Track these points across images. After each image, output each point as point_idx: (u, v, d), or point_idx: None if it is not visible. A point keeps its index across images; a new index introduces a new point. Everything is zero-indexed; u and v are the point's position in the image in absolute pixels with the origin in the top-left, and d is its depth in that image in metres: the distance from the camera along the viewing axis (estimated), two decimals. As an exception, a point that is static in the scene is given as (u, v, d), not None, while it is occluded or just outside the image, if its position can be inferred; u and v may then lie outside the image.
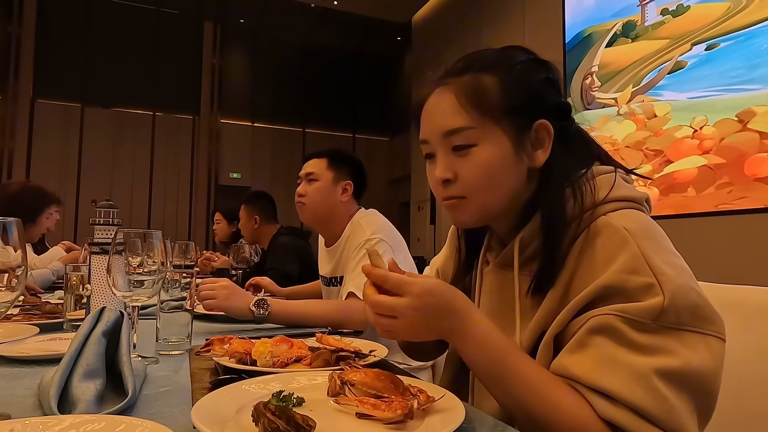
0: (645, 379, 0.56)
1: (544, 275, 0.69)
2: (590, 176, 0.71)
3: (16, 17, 7.79)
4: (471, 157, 0.71)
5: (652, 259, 0.60)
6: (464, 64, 0.75)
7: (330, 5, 8.51)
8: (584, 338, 0.61)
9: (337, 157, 1.76)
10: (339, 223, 1.70)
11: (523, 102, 0.71)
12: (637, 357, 0.57)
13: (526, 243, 0.73)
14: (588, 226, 0.68)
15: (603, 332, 0.59)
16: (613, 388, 0.56)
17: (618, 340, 0.58)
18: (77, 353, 0.66)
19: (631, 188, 0.72)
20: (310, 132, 9.72)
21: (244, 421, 0.55)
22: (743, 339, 0.76)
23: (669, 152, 4.02)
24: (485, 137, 0.71)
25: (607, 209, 0.68)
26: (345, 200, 1.71)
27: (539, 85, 0.74)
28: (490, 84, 0.71)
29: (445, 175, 0.73)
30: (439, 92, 0.74)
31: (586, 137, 0.78)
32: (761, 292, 0.80)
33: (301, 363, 0.82)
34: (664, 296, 0.57)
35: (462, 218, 0.76)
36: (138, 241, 0.86)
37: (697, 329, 0.59)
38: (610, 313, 0.59)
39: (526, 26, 5.73)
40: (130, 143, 8.49)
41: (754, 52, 3.49)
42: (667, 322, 0.57)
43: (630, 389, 0.56)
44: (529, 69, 0.74)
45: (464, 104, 0.71)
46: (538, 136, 0.72)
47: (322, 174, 1.72)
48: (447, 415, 0.57)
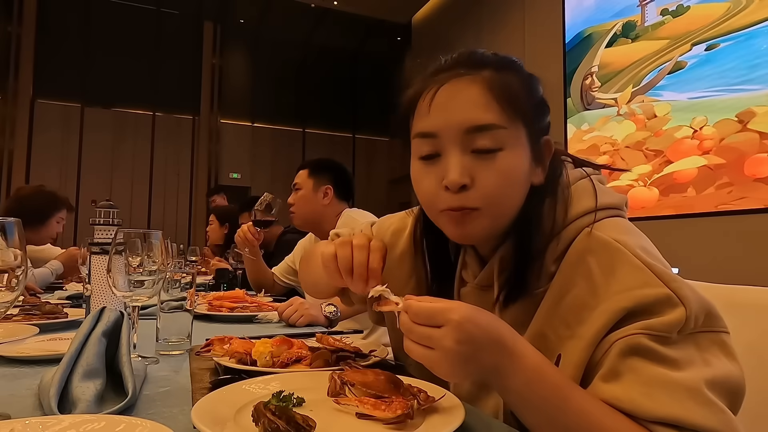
0: (700, 396, 0.52)
1: (514, 285, 0.66)
2: (566, 183, 0.68)
3: (16, 17, 7.78)
4: (495, 163, 0.62)
5: (655, 267, 0.58)
6: (483, 58, 0.67)
7: (330, 5, 8.50)
8: (617, 364, 0.56)
9: (317, 166, 2.06)
10: (328, 222, 1.93)
11: (538, 112, 0.67)
12: (680, 373, 0.53)
13: (507, 261, 0.68)
14: (572, 240, 0.65)
15: (635, 354, 0.55)
16: (673, 414, 0.52)
17: (654, 360, 0.54)
18: (77, 353, 0.66)
19: (610, 193, 0.69)
20: (310, 132, 9.71)
21: (244, 421, 0.55)
22: (743, 339, 0.76)
23: (669, 152, 4.02)
24: (513, 141, 0.63)
25: (589, 221, 0.65)
26: (327, 203, 1.98)
27: (543, 100, 0.71)
28: (515, 83, 0.65)
29: (463, 180, 0.62)
30: (459, 83, 0.64)
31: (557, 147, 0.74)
32: (761, 292, 0.80)
33: (301, 363, 0.82)
34: (684, 306, 0.55)
35: (472, 233, 0.66)
36: (138, 241, 0.86)
37: (710, 329, 0.58)
38: (637, 333, 0.55)
39: (526, 26, 5.73)
40: (130, 143, 8.48)
41: (754, 52, 3.49)
42: (688, 330, 0.56)
43: (691, 411, 0.52)
44: (534, 81, 0.70)
45: (498, 98, 0.62)
46: (543, 153, 0.68)
47: (304, 183, 2.01)
48: (447, 415, 0.57)
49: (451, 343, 0.52)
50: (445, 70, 0.67)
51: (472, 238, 0.68)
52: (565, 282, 0.64)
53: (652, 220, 3.98)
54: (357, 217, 1.89)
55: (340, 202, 2.02)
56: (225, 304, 1.55)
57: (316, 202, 1.98)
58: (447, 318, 0.53)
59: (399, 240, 0.88)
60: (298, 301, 1.41)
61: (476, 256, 0.75)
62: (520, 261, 0.66)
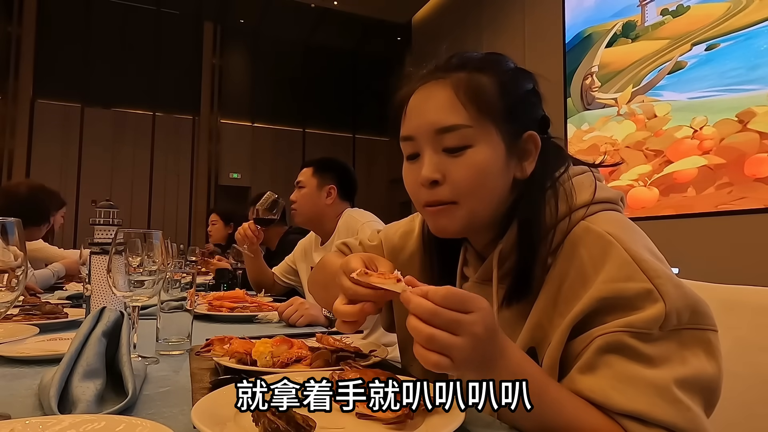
0: (667, 393, 0.55)
1: (519, 283, 0.67)
2: (566, 177, 0.70)
3: (16, 17, 7.78)
4: (464, 159, 0.67)
5: (643, 263, 0.59)
6: (459, 61, 0.71)
7: (330, 5, 8.50)
8: (594, 359, 0.58)
9: (322, 165, 2.04)
10: (329, 222, 1.96)
11: (517, 109, 0.69)
12: (652, 371, 0.56)
13: (505, 256, 0.70)
14: (568, 232, 0.66)
15: (613, 351, 0.57)
16: (640, 408, 0.55)
17: (630, 356, 0.57)
18: (77, 353, 0.66)
19: (606, 188, 0.71)
20: (310, 132, 9.71)
21: (244, 421, 0.55)
22: (742, 339, 0.76)
23: (669, 152, 4.02)
24: (481, 138, 0.67)
25: (585, 213, 0.66)
26: (330, 203, 1.97)
27: (529, 95, 0.72)
28: (488, 84, 0.68)
29: (434, 176, 0.67)
30: (432, 86, 0.70)
31: (558, 143, 0.76)
32: (761, 292, 0.80)
33: (301, 363, 0.82)
34: (664, 301, 0.56)
35: (448, 226, 0.70)
36: (138, 241, 0.86)
37: (695, 326, 0.59)
38: (617, 330, 0.57)
39: (526, 26, 5.73)
40: (130, 143, 8.48)
41: (754, 53, 3.48)
42: (670, 326, 0.57)
43: (657, 407, 0.54)
44: (518, 76, 0.73)
45: (463, 101, 0.67)
46: (527, 148, 0.70)
47: (308, 181, 2.01)
48: (447, 415, 0.57)
49: (481, 329, 0.52)
50: (424, 75, 0.72)
51: (450, 231, 0.71)
52: (560, 274, 0.65)
53: (652, 220, 3.98)
54: (358, 217, 1.88)
55: (343, 201, 2.02)
56: (225, 304, 1.55)
57: (318, 201, 1.98)
58: (478, 305, 0.53)
59: (408, 241, 0.90)
60: (298, 301, 1.41)
61: (474, 251, 0.77)
62: (522, 257, 0.67)
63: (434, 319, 0.51)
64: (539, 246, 0.66)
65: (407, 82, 0.74)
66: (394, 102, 0.75)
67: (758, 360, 0.76)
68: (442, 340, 0.51)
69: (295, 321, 1.35)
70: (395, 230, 0.94)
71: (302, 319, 1.35)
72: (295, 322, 1.35)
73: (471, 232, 0.74)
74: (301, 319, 1.35)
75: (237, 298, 1.63)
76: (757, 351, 0.77)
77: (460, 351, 0.51)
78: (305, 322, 1.35)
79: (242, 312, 1.50)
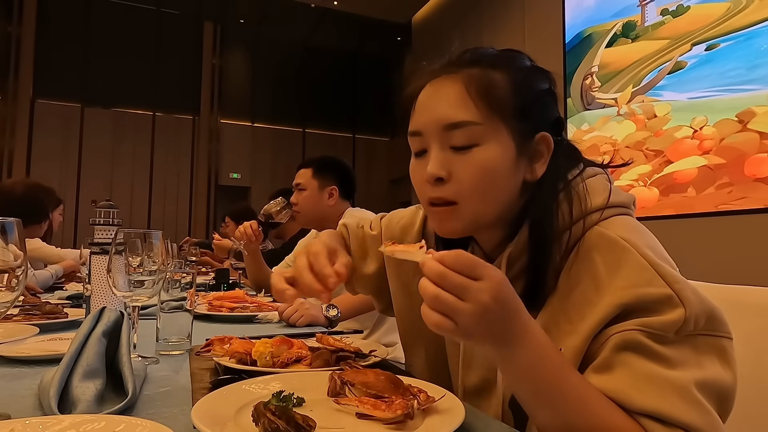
0: (688, 394, 0.54)
1: (532, 289, 0.66)
2: (579, 180, 0.69)
3: (16, 17, 7.78)
4: (471, 157, 0.65)
5: (660, 268, 0.58)
6: (473, 56, 0.69)
7: (330, 5, 8.50)
8: (611, 357, 0.57)
9: (322, 165, 2.00)
10: (332, 223, 1.88)
11: (530, 108, 0.67)
12: (672, 372, 0.55)
13: (515, 258, 0.68)
14: (580, 237, 0.65)
15: (629, 349, 0.56)
16: (661, 408, 0.53)
17: (647, 356, 0.55)
18: (77, 353, 0.66)
19: (619, 191, 0.70)
20: (310, 132, 9.71)
21: (244, 421, 0.55)
22: (743, 339, 0.76)
23: (669, 152, 4.02)
24: (490, 137, 0.65)
25: (598, 218, 0.65)
26: (332, 203, 1.95)
27: (543, 95, 0.71)
28: (500, 81, 0.66)
29: (439, 173, 0.65)
30: (442, 81, 0.68)
31: (572, 144, 0.75)
32: (761, 292, 0.80)
33: (301, 363, 0.82)
34: (685, 307, 0.56)
35: (451, 227, 0.69)
36: (138, 241, 0.86)
37: (711, 332, 0.58)
38: (633, 329, 0.56)
39: (526, 26, 5.73)
40: (130, 143, 8.48)
41: (754, 53, 3.48)
42: (686, 331, 0.56)
43: (678, 408, 0.53)
44: (535, 75, 0.71)
45: (474, 97, 0.65)
46: (538, 149, 0.68)
47: (309, 183, 1.97)
48: (447, 415, 0.57)
49: (487, 298, 0.50)
50: (436, 70, 0.70)
51: (454, 232, 0.70)
52: (572, 278, 0.64)
53: (652, 220, 3.97)
54: (360, 216, 1.89)
55: (344, 201, 2.02)
56: (225, 304, 1.55)
57: (321, 203, 1.97)
58: (488, 273, 0.51)
59: (408, 235, 0.89)
60: (299, 301, 1.41)
61: (483, 253, 0.76)
62: (533, 260, 0.66)
63: (442, 282, 0.50)
64: (551, 249, 0.65)
65: (419, 77, 0.72)
66: (404, 96, 0.73)
67: (758, 360, 0.76)
68: (448, 302, 0.50)
69: (295, 321, 1.35)
70: (398, 220, 0.92)
71: (302, 319, 1.35)
72: (295, 322, 1.35)
73: (476, 233, 0.73)
74: (301, 319, 1.35)
75: (237, 298, 1.63)
76: (757, 351, 0.77)
77: (465, 317, 0.50)
78: (305, 322, 1.35)
79: (242, 312, 1.50)
